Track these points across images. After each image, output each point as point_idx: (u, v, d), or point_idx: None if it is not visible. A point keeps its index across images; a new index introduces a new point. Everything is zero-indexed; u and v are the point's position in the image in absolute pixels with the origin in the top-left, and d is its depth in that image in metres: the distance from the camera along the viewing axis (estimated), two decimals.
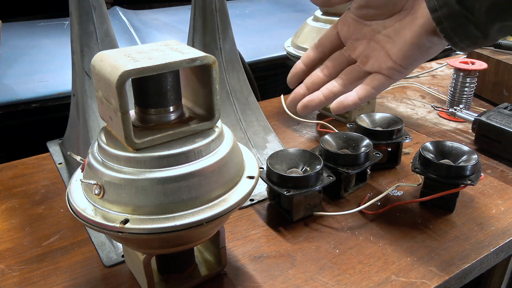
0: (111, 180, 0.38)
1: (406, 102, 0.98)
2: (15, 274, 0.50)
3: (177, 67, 0.37)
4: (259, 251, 0.53)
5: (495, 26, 0.37)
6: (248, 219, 0.59)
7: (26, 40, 1.03)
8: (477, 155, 0.57)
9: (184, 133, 0.40)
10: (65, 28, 1.12)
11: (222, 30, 0.68)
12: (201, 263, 0.50)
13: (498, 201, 0.62)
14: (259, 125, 0.72)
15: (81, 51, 0.59)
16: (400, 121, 0.68)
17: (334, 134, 0.66)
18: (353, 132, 0.66)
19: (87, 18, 0.58)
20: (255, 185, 0.42)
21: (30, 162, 0.74)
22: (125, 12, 1.20)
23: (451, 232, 0.56)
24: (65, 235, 0.56)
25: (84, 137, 0.61)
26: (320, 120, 0.86)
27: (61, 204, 0.62)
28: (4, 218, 0.60)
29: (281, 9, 1.41)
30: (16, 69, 0.91)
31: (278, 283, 0.48)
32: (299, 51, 0.81)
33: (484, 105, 0.93)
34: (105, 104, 0.39)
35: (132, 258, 0.46)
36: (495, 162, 0.72)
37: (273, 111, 0.92)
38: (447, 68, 1.19)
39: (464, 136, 0.81)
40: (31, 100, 0.86)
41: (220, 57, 0.69)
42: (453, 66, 0.86)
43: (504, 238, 0.54)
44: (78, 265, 0.51)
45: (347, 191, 0.63)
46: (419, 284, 0.48)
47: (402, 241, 0.54)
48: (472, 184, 0.55)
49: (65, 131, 0.76)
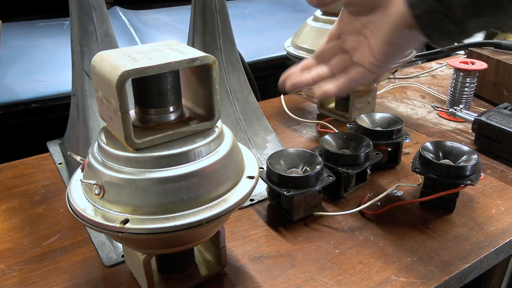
0: (111, 180, 0.38)
1: (406, 102, 0.98)
2: (15, 274, 0.50)
3: (177, 67, 0.37)
4: (259, 251, 0.53)
5: (473, 22, 0.37)
6: (248, 219, 0.59)
7: (26, 40, 1.03)
8: (477, 155, 0.57)
9: (184, 133, 0.40)
10: (65, 28, 1.12)
11: (222, 30, 0.68)
12: (201, 263, 0.50)
13: (498, 201, 0.62)
14: (259, 125, 0.72)
15: (81, 51, 0.59)
16: (400, 121, 0.68)
17: (334, 134, 0.66)
18: (353, 132, 0.67)
19: (87, 18, 0.58)
20: (255, 185, 0.42)
21: (30, 162, 0.74)
22: (125, 12, 1.20)
23: (451, 232, 0.56)
24: (65, 235, 0.56)
25: (84, 137, 0.61)
26: (320, 120, 0.86)
27: (61, 204, 0.62)
28: (4, 218, 0.60)
29: (281, 9, 1.41)
30: (16, 69, 0.91)
31: (278, 283, 0.48)
32: (299, 51, 0.81)
33: (484, 105, 0.93)
34: (105, 104, 0.39)
35: (132, 258, 0.46)
36: (495, 162, 0.72)
37: (273, 111, 0.92)
38: (447, 68, 1.19)
39: (464, 136, 0.81)
40: (31, 100, 0.86)
41: (220, 57, 0.69)
42: (453, 66, 0.86)
43: (504, 238, 0.54)
44: (78, 265, 0.51)
45: (347, 191, 0.63)
46: (419, 284, 0.48)
47: (402, 241, 0.54)
48: (472, 184, 0.55)
49: (65, 131, 0.76)
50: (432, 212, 0.59)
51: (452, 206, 0.59)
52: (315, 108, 0.93)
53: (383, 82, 1.01)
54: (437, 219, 0.58)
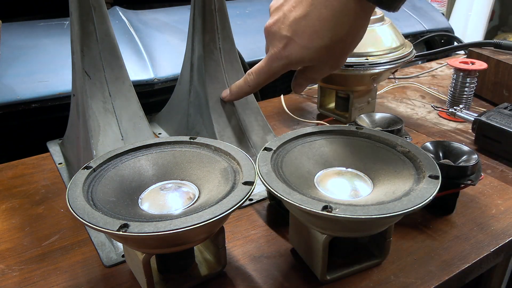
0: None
1: (406, 102, 0.98)
2: (15, 274, 0.50)
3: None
4: (259, 251, 0.53)
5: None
6: (248, 219, 0.59)
7: (26, 40, 1.02)
8: (477, 155, 0.57)
9: None
10: (65, 28, 1.12)
11: (222, 30, 0.68)
12: (201, 263, 0.50)
13: (498, 201, 0.61)
14: (258, 125, 0.72)
15: (81, 51, 0.59)
16: (400, 121, 0.68)
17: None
18: None
19: (87, 18, 0.58)
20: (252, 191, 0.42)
21: (30, 162, 0.74)
22: (125, 12, 1.19)
23: (451, 232, 0.56)
24: (65, 235, 0.56)
25: (84, 137, 0.61)
26: (320, 120, 0.86)
27: (61, 204, 0.62)
28: (4, 218, 0.60)
29: None
30: (16, 69, 0.91)
31: (278, 283, 0.48)
32: None
33: (484, 105, 0.93)
34: None
35: (132, 258, 0.46)
36: (495, 162, 0.72)
37: (273, 111, 0.92)
38: (447, 68, 1.19)
39: (464, 136, 0.81)
40: (31, 100, 0.86)
41: (220, 57, 0.69)
42: (453, 66, 0.86)
43: (504, 238, 0.54)
44: (78, 265, 0.51)
45: None
46: (419, 284, 0.47)
47: (402, 241, 0.54)
48: (472, 184, 0.55)
49: (65, 131, 0.76)
50: (432, 212, 0.59)
51: (452, 206, 0.59)
52: (315, 108, 0.93)
53: (383, 82, 1.01)
54: (437, 219, 0.58)
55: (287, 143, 0.52)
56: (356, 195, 0.47)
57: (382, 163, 0.50)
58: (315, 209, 0.39)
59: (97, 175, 0.46)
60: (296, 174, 0.48)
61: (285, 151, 0.51)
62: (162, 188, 0.47)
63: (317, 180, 0.49)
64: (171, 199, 0.45)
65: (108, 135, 0.60)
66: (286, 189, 0.42)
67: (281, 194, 0.41)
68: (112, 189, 0.45)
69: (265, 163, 0.46)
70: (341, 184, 0.48)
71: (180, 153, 0.51)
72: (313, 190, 0.46)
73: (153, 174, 0.49)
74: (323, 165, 0.51)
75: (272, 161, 0.47)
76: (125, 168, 0.49)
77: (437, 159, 0.59)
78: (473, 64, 0.85)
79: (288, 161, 0.49)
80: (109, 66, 0.61)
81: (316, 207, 0.39)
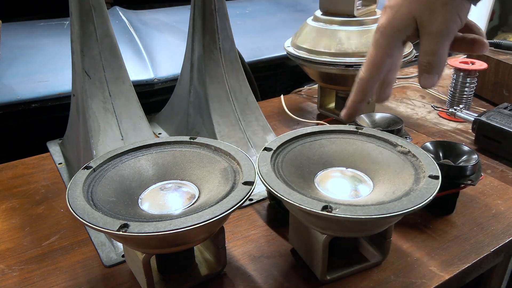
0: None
1: (406, 102, 0.98)
2: (15, 274, 0.50)
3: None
4: (259, 251, 0.53)
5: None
6: (248, 219, 0.59)
7: (26, 40, 1.02)
8: (477, 155, 0.57)
9: None
10: (65, 28, 1.12)
11: (222, 30, 0.68)
12: (201, 263, 0.50)
13: (498, 201, 0.61)
14: (258, 125, 0.72)
15: (81, 51, 0.59)
16: (400, 121, 0.68)
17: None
18: None
19: (87, 18, 0.58)
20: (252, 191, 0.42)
21: (30, 162, 0.74)
22: (125, 12, 1.19)
23: (451, 232, 0.56)
24: (65, 235, 0.56)
25: (84, 137, 0.61)
26: (320, 120, 0.86)
27: (61, 204, 0.62)
28: (4, 218, 0.60)
29: (281, 9, 1.41)
30: (16, 69, 0.91)
31: (278, 283, 0.48)
32: (299, 51, 0.81)
33: (484, 105, 0.93)
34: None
35: (132, 258, 0.46)
36: (495, 162, 0.72)
37: (273, 111, 0.92)
38: (447, 68, 1.18)
39: (464, 136, 0.81)
40: (31, 100, 0.86)
41: (220, 57, 0.69)
42: (453, 66, 0.86)
43: (504, 238, 0.54)
44: (78, 265, 0.51)
45: None
46: (419, 284, 0.47)
47: (402, 241, 0.54)
48: (472, 184, 0.55)
49: (65, 131, 0.76)
50: (432, 212, 0.59)
51: (452, 206, 0.59)
52: (315, 108, 0.93)
53: None
54: (437, 219, 0.58)
55: (287, 143, 0.52)
56: (356, 195, 0.47)
57: (382, 163, 0.50)
58: (315, 209, 0.39)
59: (97, 175, 0.46)
60: (296, 174, 0.48)
61: (285, 151, 0.51)
62: (162, 188, 0.47)
63: (317, 180, 0.49)
64: (171, 199, 0.45)
65: (108, 135, 0.60)
66: (286, 189, 0.42)
67: (281, 194, 0.41)
68: (112, 189, 0.45)
69: (265, 163, 0.46)
70: (341, 184, 0.48)
71: (180, 153, 0.51)
72: (313, 190, 0.46)
73: (153, 174, 0.49)
74: (323, 165, 0.51)
75: (272, 161, 0.47)
76: (125, 168, 0.49)
77: (437, 159, 0.59)
78: (473, 64, 0.85)
79: (288, 161, 0.49)
80: (109, 66, 0.61)
81: (316, 207, 0.39)
